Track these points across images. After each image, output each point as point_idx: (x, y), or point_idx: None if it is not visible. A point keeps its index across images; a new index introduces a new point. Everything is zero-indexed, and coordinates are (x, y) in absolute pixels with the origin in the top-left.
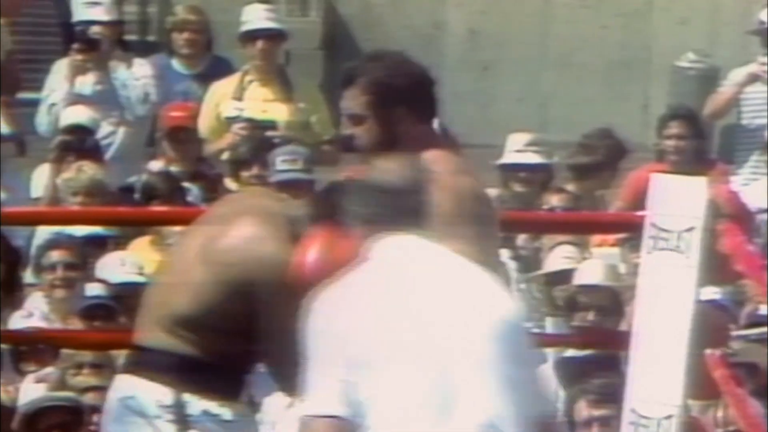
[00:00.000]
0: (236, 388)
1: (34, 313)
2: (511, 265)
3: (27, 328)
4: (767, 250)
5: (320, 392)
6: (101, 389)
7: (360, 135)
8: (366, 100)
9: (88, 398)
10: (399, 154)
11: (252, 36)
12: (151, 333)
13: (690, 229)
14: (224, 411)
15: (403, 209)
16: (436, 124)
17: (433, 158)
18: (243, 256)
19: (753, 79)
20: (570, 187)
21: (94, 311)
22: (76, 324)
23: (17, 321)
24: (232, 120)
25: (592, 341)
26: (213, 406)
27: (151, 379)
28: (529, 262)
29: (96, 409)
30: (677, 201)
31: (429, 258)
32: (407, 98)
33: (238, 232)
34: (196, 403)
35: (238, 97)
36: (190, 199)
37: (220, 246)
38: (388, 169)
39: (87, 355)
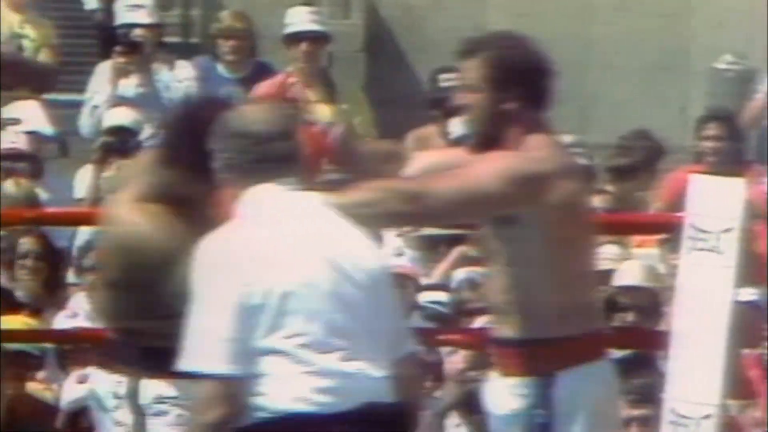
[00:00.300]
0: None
1: (78, 313)
2: None
3: (71, 328)
4: None
5: (207, 351)
6: None
7: (470, 106)
8: (484, 73)
9: None
10: (505, 132)
11: (296, 38)
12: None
13: (728, 230)
14: (171, 390)
15: (269, 156)
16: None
17: (529, 144)
18: (119, 242)
19: None
20: (610, 188)
21: None
22: None
23: (62, 321)
24: None
25: (631, 341)
26: (162, 388)
27: (108, 370)
28: None
29: None
30: (715, 202)
31: (300, 208)
32: (523, 81)
33: (112, 220)
34: (149, 388)
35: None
36: None
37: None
38: (252, 115)
39: None
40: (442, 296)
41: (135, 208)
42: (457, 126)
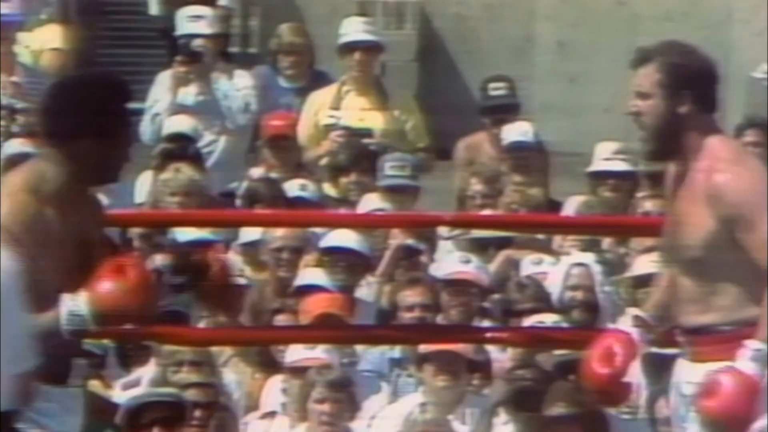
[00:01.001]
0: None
1: None
2: (597, 268)
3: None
4: None
5: None
6: (202, 386)
7: (645, 111)
8: (657, 79)
9: (190, 394)
10: (682, 136)
11: (350, 48)
12: None
13: None
14: None
15: None
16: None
17: (713, 145)
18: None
19: None
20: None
21: None
22: None
23: None
24: (329, 128)
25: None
26: None
27: None
28: (615, 266)
29: (198, 405)
30: None
31: None
32: (695, 85)
33: None
34: None
35: (336, 106)
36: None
37: None
38: None
39: (187, 353)
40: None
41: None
42: (508, 132)
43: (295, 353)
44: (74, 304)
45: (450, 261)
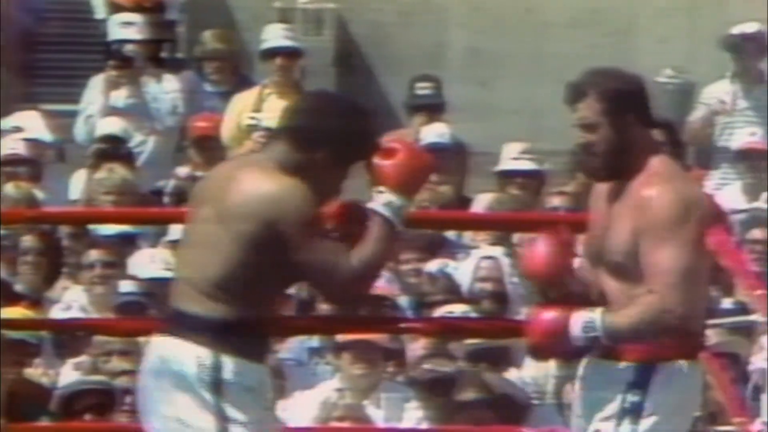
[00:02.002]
0: (265, 350)
1: (72, 306)
2: (506, 261)
3: (67, 318)
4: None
5: None
6: (132, 373)
7: (596, 141)
8: (601, 108)
9: (120, 381)
10: (631, 157)
11: (271, 53)
12: (186, 297)
13: None
14: (253, 375)
15: None
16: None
17: (654, 164)
18: (257, 205)
19: (721, 109)
20: (569, 188)
21: (128, 307)
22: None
23: (57, 313)
24: (251, 129)
25: None
26: (245, 370)
27: (190, 341)
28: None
29: (127, 392)
30: None
31: None
32: (635, 105)
33: (241, 186)
34: (230, 366)
35: (258, 109)
36: None
37: (232, 204)
38: None
39: (117, 343)
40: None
41: (275, 178)
42: (426, 134)
43: None
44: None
45: None
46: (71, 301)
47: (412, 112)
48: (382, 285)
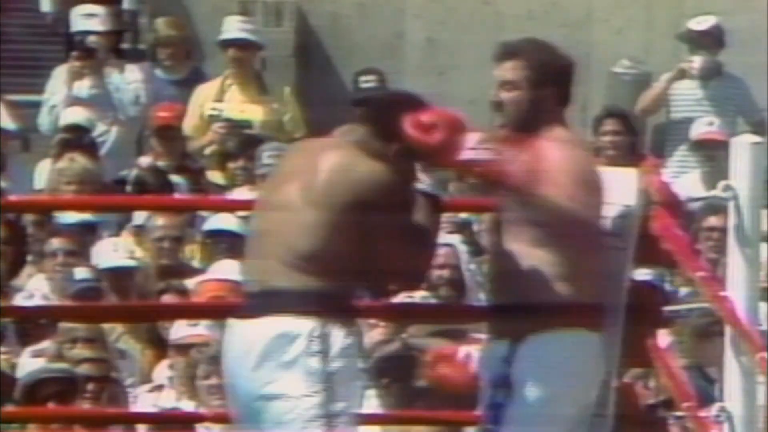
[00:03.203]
0: (355, 316)
1: (35, 294)
2: (463, 248)
3: (31, 306)
4: (698, 236)
5: None
6: (94, 361)
7: (509, 102)
8: (525, 75)
9: (83, 369)
10: (536, 127)
11: (228, 44)
12: (274, 274)
13: (624, 216)
14: (353, 339)
15: None
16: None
17: (561, 134)
18: (344, 180)
19: (681, 75)
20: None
21: (84, 293)
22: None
23: (20, 301)
24: (213, 119)
25: None
26: (348, 337)
27: (296, 315)
28: (481, 247)
29: (90, 379)
30: (612, 191)
31: None
32: (557, 81)
33: (330, 163)
34: (337, 334)
35: (219, 99)
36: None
37: (319, 181)
38: None
39: (81, 330)
40: None
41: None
42: None
43: (179, 330)
44: None
45: None
46: (34, 289)
47: (357, 105)
48: None
